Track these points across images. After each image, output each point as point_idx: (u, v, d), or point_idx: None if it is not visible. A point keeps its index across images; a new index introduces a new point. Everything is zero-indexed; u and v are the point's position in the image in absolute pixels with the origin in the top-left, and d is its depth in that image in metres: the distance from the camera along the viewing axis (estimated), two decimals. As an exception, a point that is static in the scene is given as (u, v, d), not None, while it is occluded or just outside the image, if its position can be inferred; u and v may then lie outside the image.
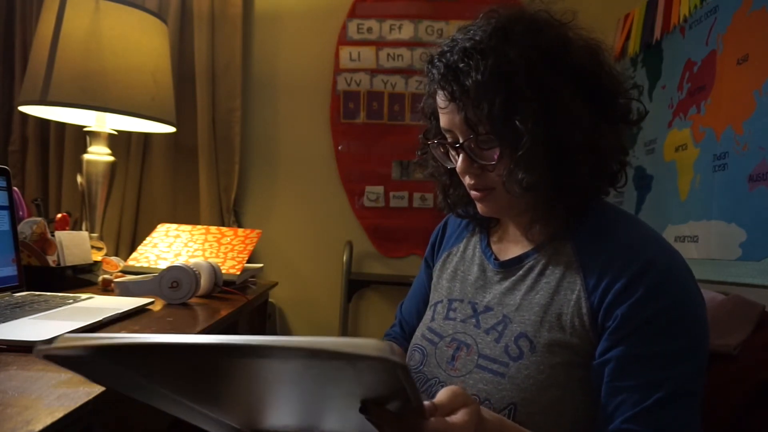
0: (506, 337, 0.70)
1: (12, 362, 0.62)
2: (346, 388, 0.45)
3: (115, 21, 1.43)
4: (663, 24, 1.53)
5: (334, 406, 0.53)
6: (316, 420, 0.57)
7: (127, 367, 0.43)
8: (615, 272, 0.65)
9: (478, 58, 0.65)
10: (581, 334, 0.66)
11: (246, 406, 0.55)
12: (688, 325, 0.63)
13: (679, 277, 0.65)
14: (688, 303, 0.64)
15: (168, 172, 1.91)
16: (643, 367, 0.61)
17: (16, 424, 0.45)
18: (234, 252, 1.42)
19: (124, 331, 0.81)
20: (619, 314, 0.63)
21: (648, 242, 0.67)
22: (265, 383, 0.46)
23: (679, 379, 0.60)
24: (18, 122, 1.88)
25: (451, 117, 0.70)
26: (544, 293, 0.70)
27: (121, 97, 1.42)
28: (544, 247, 0.74)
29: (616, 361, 0.63)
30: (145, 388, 0.47)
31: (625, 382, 0.61)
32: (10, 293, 0.99)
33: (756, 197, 1.12)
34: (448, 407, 0.52)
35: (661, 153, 1.50)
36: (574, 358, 0.66)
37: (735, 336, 0.76)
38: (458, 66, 0.67)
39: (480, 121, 0.66)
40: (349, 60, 1.97)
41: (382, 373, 0.39)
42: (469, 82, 0.65)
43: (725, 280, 1.18)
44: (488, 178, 0.71)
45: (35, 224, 1.21)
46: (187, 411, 0.53)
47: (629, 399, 0.61)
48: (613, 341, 0.63)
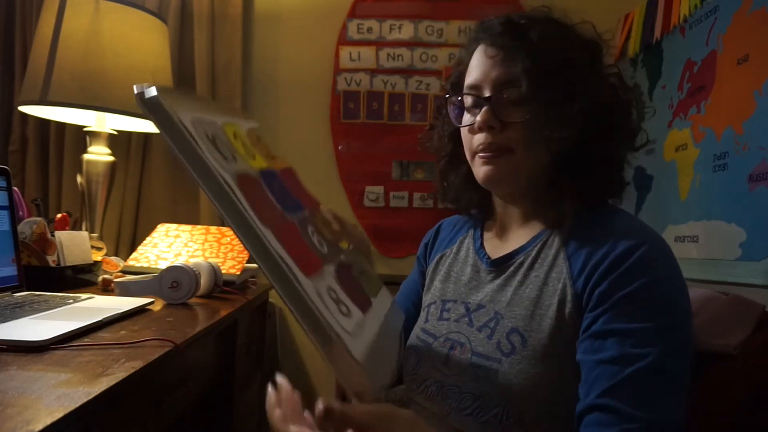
0: (498, 333, 0.70)
1: (12, 362, 0.62)
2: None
3: (115, 21, 1.43)
4: (663, 24, 1.52)
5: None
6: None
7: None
8: (599, 257, 0.65)
9: (540, 21, 0.73)
10: (569, 324, 0.66)
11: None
12: (667, 305, 0.62)
13: (661, 260, 0.65)
14: (668, 284, 0.64)
15: (168, 172, 1.91)
16: (619, 341, 0.60)
17: (16, 424, 0.45)
18: (234, 252, 1.42)
19: (124, 332, 0.81)
20: (598, 292, 0.63)
21: (634, 230, 0.67)
22: None
23: (655, 357, 0.59)
24: (18, 122, 1.88)
25: (488, 71, 0.72)
26: (533, 287, 0.70)
27: (121, 97, 1.42)
28: (534, 242, 0.74)
29: (593, 336, 0.62)
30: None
31: (601, 355, 0.61)
32: (10, 293, 0.99)
33: (756, 197, 1.12)
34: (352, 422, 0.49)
35: (661, 153, 1.50)
36: (566, 350, 0.66)
37: (735, 336, 0.76)
38: (520, 22, 0.72)
39: (525, 74, 0.68)
40: (349, 60, 1.97)
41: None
42: (532, 34, 0.70)
43: (725, 280, 1.18)
44: (508, 138, 0.71)
45: (35, 224, 1.21)
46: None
47: (604, 373, 0.60)
48: (592, 317, 0.63)
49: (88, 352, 0.69)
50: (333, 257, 0.60)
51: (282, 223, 0.53)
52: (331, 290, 0.53)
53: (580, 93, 0.69)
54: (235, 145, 0.55)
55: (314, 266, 0.53)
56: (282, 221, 0.53)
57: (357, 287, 0.60)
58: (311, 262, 0.53)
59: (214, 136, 0.51)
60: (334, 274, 0.56)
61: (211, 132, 0.51)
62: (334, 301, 0.51)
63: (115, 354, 0.68)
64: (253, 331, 1.53)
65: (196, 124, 0.49)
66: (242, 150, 0.56)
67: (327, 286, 0.52)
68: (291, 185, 0.64)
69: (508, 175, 0.73)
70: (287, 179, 0.64)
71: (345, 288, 0.56)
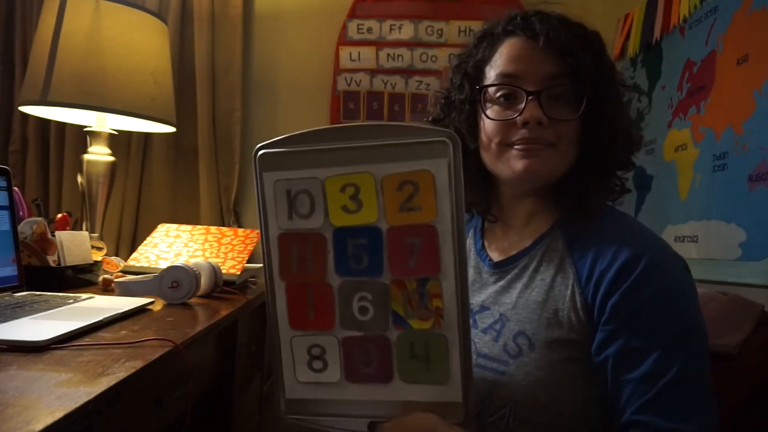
0: (504, 336, 0.70)
1: (12, 362, 0.62)
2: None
3: (115, 21, 1.43)
4: (663, 24, 1.52)
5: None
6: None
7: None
8: (605, 264, 0.65)
9: (565, 18, 0.73)
10: (578, 329, 0.66)
11: None
12: (679, 311, 0.63)
13: (666, 265, 0.65)
14: (676, 288, 0.64)
15: (168, 172, 1.91)
16: (643, 358, 0.61)
17: (16, 424, 0.45)
18: (234, 252, 1.42)
19: (124, 331, 0.81)
20: (610, 305, 0.64)
21: (636, 234, 0.68)
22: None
23: (681, 364, 0.60)
24: (18, 122, 1.88)
25: (533, 63, 0.70)
26: (539, 290, 0.70)
27: (121, 97, 1.42)
28: (537, 244, 0.74)
29: (615, 357, 0.63)
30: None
31: (629, 375, 0.62)
32: (10, 293, 0.99)
33: (756, 197, 1.12)
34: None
35: (660, 153, 1.50)
36: (573, 354, 0.66)
37: (735, 336, 0.76)
38: (568, 20, 0.72)
39: (577, 70, 0.69)
40: (349, 60, 1.97)
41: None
42: (580, 31, 0.72)
43: (725, 280, 1.18)
44: (554, 134, 0.70)
45: (35, 224, 1.21)
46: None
47: (636, 391, 0.61)
48: (609, 334, 0.64)
49: (89, 352, 0.69)
50: (363, 327, 0.62)
51: (307, 281, 0.62)
52: (316, 347, 0.63)
53: (613, 93, 0.72)
54: (330, 200, 0.60)
55: (311, 324, 0.63)
56: (311, 279, 0.62)
57: (376, 361, 0.62)
58: (313, 320, 0.63)
59: (300, 192, 0.61)
60: (342, 338, 0.63)
61: (299, 188, 0.61)
62: (309, 355, 0.64)
63: (115, 354, 0.68)
64: (253, 331, 1.53)
65: (280, 182, 0.61)
66: (338, 204, 0.60)
67: (312, 344, 0.63)
68: (395, 246, 0.60)
69: (549, 171, 0.72)
70: (397, 238, 0.60)
71: (347, 354, 0.63)
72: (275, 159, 0.62)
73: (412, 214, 0.59)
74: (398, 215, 0.59)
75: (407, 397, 0.61)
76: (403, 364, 0.61)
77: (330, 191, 0.60)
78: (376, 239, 0.60)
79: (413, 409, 0.60)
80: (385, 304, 0.61)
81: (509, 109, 0.72)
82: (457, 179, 0.57)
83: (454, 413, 0.60)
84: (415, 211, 0.59)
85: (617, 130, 0.72)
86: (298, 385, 0.64)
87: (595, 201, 0.72)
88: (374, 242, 0.60)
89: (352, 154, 0.59)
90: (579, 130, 0.71)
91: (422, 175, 0.58)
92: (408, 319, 0.60)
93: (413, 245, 0.59)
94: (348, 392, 0.63)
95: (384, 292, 0.60)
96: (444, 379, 0.60)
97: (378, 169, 0.59)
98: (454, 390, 0.60)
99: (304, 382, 0.64)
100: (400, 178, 0.58)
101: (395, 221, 0.59)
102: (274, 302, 0.64)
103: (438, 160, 0.57)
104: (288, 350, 0.64)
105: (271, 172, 0.62)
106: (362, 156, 0.59)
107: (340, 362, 0.63)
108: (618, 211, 0.75)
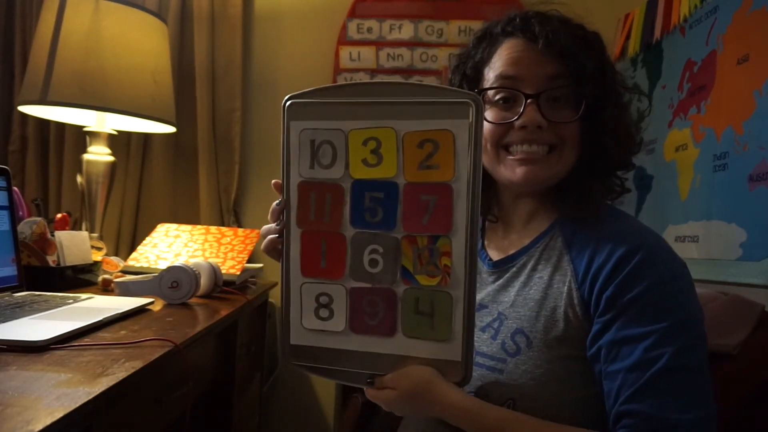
0: (502, 334, 0.70)
1: (12, 362, 0.62)
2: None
3: (115, 21, 1.43)
4: (663, 24, 1.52)
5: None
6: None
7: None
8: (602, 260, 0.65)
9: (566, 19, 0.73)
10: (576, 326, 0.66)
11: None
12: (674, 303, 0.63)
13: (662, 258, 0.65)
14: (670, 281, 0.64)
15: (168, 172, 1.91)
16: (635, 347, 0.61)
17: (16, 424, 0.45)
18: (234, 252, 1.42)
19: (124, 332, 0.81)
20: (605, 298, 0.64)
21: (633, 231, 0.68)
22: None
23: (671, 356, 0.59)
24: (18, 122, 1.88)
25: (532, 65, 0.70)
26: (537, 288, 0.70)
27: (121, 97, 1.42)
28: (536, 243, 0.74)
29: (608, 346, 0.63)
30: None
31: (620, 364, 0.61)
32: (10, 293, 0.99)
33: (756, 197, 1.12)
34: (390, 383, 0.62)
35: (661, 153, 1.50)
36: (572, 352, 0.66)
37: (735, 336, 0.76)
38: (568, 21, 0.72)
39: (578, 72, 0.69)
40: (349, 60, 1.96)
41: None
42: (581, 32, 0.71)
43: (725, 280, 1.18)
44: (553, 137, 0.70)
45: (35, 224, 1.21)
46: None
47: (626, 380, 0.60)
48: (602, 325, 0.64)
49: (88, 352, 0.69)
50: (372, 279, 0.64)
51: (322, 230, 0.64)
52: (324, 296, 0.65)
53: (613, 94, 0.71)
54: (352, 152, 0.62)
55: (322, 272, 0.65)
56: (326, 228, 0.64)
57: (381, 314, 0.63)
58: (324, 268, 0.65)
59: (324, 143, 0.63)
60: (350, 288, 0.64)
61: (323, 139, 0.63)
62: (316, 302, 0.65)
63: (115, 354, 0.68)
64: (253, 331, 1.53)
65: (306, 131, 0.63)
66: (359, 156, 0.62)
67: (321, 291, 0.65)
68: (411, 202, 0.61)
69: (549, 177, 0.72)
70: (413, 194, 0.61)
71: (354, 304, 0.64)
72: (303, 109, 0.64)
73: (430, 171, 0.60)
74: (416, 172, 0.61)
75: (408, 352, 0.63)
76: (407, 319, 0.63)
77: (352, 143, 0.62)
78: (392, 194, 0.62)
79: (412, 364, 0.62)
80: (396, 258, 0.62)
81: (508, 111, 0.72)
82: (477, 141, 0.59)
83: (453, 371, 0.62)
84: (433, 169, 0.60)
85: (618, 131, 0.71)
86: (303, 331, 0.66)
87: (595, 200, 0.73)
88: (390, 197, 0.62)
89: (378, 108, 0.61)
90: (579, 131, 0.71)
91: (443, 135, 0.59)
92: (416, 275, 0.62)
93: (428, 203, 0.61)
94: (351, 342, 0.64)
95: (395, 247, 0.62)
96: (445, 336, 0.61)
97: (401, 125, 0.60)
98: (454, 348, 0.61)
99: (309, 329, 0.66)
100: (422, 136, 0.60)
101: (413, 178, 0.61)
102: (289, 249, 0.66)
103: (460, 121, 0.59)
104: (297, 296, 0.66)
105: (297, 121, 0.64)
106: (387, 111, 0.61)
107: (346, 312, 0.64)
108: (617, 209, 0.75)
